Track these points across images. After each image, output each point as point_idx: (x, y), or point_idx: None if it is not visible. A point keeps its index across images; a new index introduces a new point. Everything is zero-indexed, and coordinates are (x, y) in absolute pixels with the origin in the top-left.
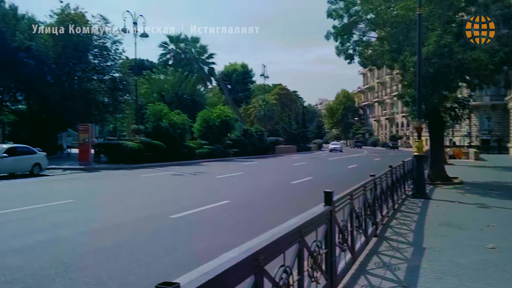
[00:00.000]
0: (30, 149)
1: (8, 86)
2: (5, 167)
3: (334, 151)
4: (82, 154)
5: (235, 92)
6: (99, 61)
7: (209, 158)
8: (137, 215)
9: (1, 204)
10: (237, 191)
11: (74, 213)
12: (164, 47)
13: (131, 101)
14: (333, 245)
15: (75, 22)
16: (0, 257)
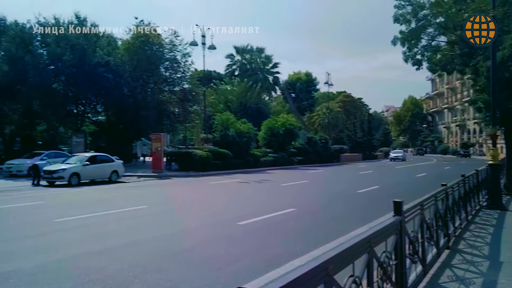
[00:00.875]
0: (109, 157)
1: (89, 99)
2: (87, 174)
3: (395, 159)
4: (155, 162)
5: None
6: (170, 73)
7: (274, 166)
8: (207, 221)
9: (84, 209)
10: (302, 199)
11: (147, 218)
12: (231, 58)
13: (199, 111)
14: (403, 257)
15: (149, 37)
16: (84, 258)
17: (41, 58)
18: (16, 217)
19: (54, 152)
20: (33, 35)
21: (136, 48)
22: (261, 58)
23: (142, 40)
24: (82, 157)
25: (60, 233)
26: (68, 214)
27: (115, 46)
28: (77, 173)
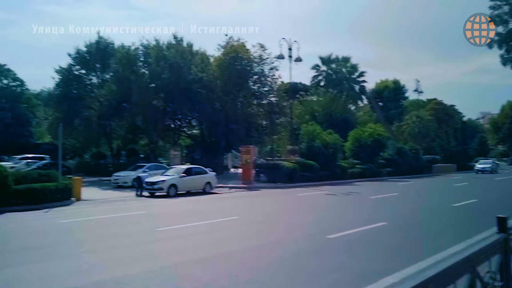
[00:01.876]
0: (203, 169)
1: (185, 113)
2: (184, 185)
3: (483, 171)
4: (244, 173)
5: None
6: (258, 87)
7: (361, 177)
8: (296, 233)
9: (181, 219)
10: (393, 212)
11: (239, 229)
12: (316, 69)
13: (286, 123)
14: (509, 278)
15: (238, 52)
16: (183, 267)
17: (143, 77)
18: (122, 225)
19: (155, 165)
20: (137, 56)
21: (226, 64)
22: (347, 68)
23: (232, 56)
24: (179, 169)
25: (161, 242)
26: (167, 223)
27: (207, 63)
28: (174, 184)
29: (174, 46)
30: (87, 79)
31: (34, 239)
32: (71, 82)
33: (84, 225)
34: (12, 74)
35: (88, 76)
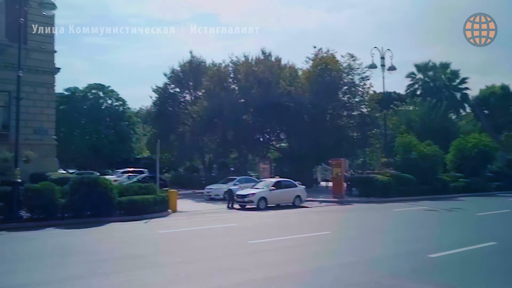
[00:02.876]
0: (292, 183)
1: (274, 127)
2: (273, 198)
3: None
4: (335, 187)
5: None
6: (348, 98)
7: (466, 192)
8: (392, 250)
9: (272, 232)
10: (504, 231)
11: (331, 244)
12: (412, 77)
13: (379, 134)
14: None
15: (327, 64)
16: (275, 280)
17: (233, 93)
18: (215, 237)
19: (245, 178)
20: (227, 73)
21: (315, 76)
22: (446, 74)
23: (321, 68)
24: (269, 182)
25: (253, 255)
26: (259, 236)
27: (296, 76)
28: (264, 197)
29: (263, 61)
30: (181, 97)
31: (135, 248)
32: (167, 100)
33: (180, 235)
34: (115, 95)
35: (182, 93)
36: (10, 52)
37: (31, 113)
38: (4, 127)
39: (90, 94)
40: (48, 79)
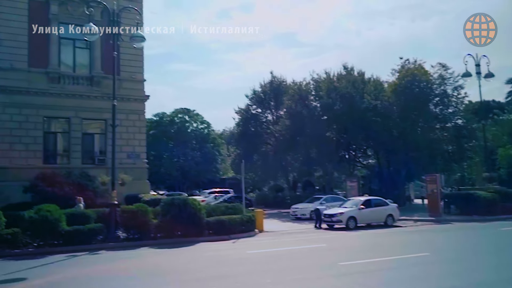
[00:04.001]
0: (383, 201)
1: (359, 143)
2: (363, 217)
3: None
4: (431, 205)
5: None
6: (441, 109)
7: None
8: (502, 275)
9: (364, 253)
10: None
11: (431, 267)
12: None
13: (478, 147)
14: None
15: (415, 75)
16: None
17: (315, 111)
18: (304, 258)
19: (332, 197)
20: (308, 91)
21: (402, 88)
22: None
23: (408, 80)
24: (357, 201)
25: (345, 277)
26: (350, 258)
27: (381, 90)
28: (353, 216)
29: (345, 77)
30: (263, 117)
31: (226, 268)
32: (249, 121)
33: (268, 256)
34: (200, 118)
35: (264, 113)
36: (105, 83)
37: (125, 139)
38: (101, 152)
39: (176, 119)
40: (139, 106)
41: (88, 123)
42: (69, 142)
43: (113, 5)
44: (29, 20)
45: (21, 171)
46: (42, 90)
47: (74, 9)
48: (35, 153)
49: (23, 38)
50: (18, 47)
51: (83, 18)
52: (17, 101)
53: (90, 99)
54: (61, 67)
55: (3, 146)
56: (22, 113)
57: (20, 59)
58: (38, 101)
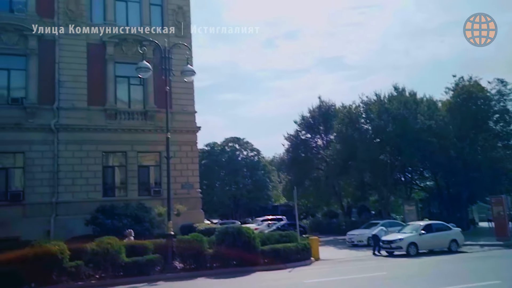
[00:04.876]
0: (445, 225)
1: (415, 165)
2: (424, 243)
3: None
4: (498, 228)
5: None
6: (502, 126)
7: None
8: None
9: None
10: None
11: None
12: None
13: None
14: None
15: (471, 92)
16: None
17: (367, 134)
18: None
19: (389, 222)
20: (358, 114)
21: (458, 106)
22: None
23: (464, 97)
24: (417, 225)
25: None
26: (414, 287)
27: (435, 109)
28: (414, 242)
29: (396, 98)
30: (313, 142)
31: None
32: (299, 146)
33: (327, 285)
34: (250, 146)
35: (314, 139)
36: (158, 117)
37: (178, 170)
38: (156, 184)
39: (227, 147)
40: (191, 138)
41: (143, 156)
42: (126, 175)
43: (164, 42)
44: (88, 62)
45: (82, 204)
46: (101, 127)
47: (128, 49)
48: (95, 186)
49: (82, 79)
50: (79, 87)
51: (137, 57)
52: (78, 138)
53: (144, 133)
54: (117, 103)
55: (66, 181)
56: (82, 149)
57: (80, 98)
58: (97, 137)
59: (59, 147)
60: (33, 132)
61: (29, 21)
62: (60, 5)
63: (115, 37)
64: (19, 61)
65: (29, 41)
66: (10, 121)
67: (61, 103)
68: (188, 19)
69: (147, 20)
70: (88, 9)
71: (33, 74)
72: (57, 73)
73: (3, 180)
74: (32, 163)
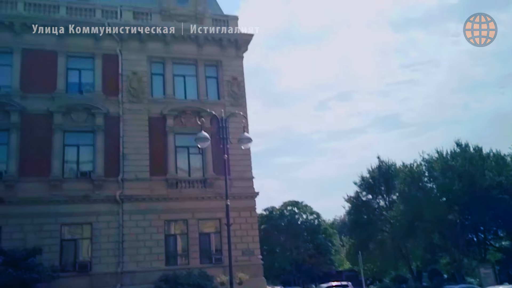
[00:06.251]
0: None
1: (488, 224)
2: None
3: None
4: None
5: None
6: None
7: None
8: None
9: None
10: None
11: None
12: None
13: None
14: None
15: None
16: None
17: (431, 193)
18: None
19: (465, 286)
20: (421, 172)
21: None
22: None
23: None
24: None
25: None
26: None
27: (504, 164)
28: None
29: (460, 154)
30: (375, 203)
31: None
32: (361, 208)
33: None
34: (309, 209)
35: (375, 199)
36: (217, 184)
37: (238, 236)
38: (217, 251)
39: (286, 211)
40: (250, 203)
41: (203, 223)
42: (187, 242)
43: (221, 112)
44: (149, 134)
45: (146, 274)
46: (163, 196)
47: (187, 120)
48: (158, 255)
49: (145, 151)
50: (141, 159)
51: (195, 127)
52: (141, 208)
53: (204, 200)
54: (178, 172)
55: (130, 251)
56: (146, 219)
57: (143, 169)
58: (159, 206)
59: (124, 217)
60: (99, 203)
61: (96, 100)
62: (124, 84)
63: (174, 110)
64: (87, 137)
65: (96, 118)
66: (79, 194)
67: (125, 174)
68: (243, 89)
69: (204, 92)
70: (149, 85)
71: (99, 148)
72: (121, 146)
73: (72, 251)
74: (99, 233)
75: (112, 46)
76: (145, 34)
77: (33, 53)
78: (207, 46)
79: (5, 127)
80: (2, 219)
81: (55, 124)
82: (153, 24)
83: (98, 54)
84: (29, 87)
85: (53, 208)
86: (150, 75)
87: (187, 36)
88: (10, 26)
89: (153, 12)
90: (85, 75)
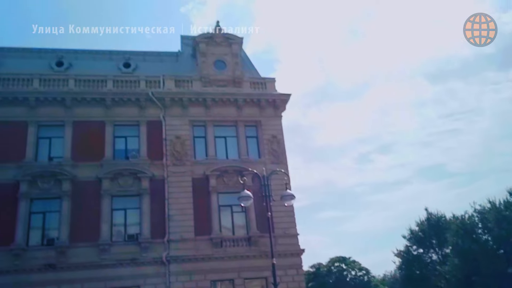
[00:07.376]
0: None
1: None
2: None
3: None
4: None
5: None
6: None
7: None
8: None
9: None
10: None
11: None
12: None
13: None
14: None
15: None
16: None
17: (487, 245)
18: None
19: None
20: (474, 224)
21: None
22: None
23: None
24: None
25: None
26: None
27: None
28: None
29: None
30: (427, 257)
31: None
32: (412, 263)
33: None
34: (357, 265)
35: (427, 253)
36: (261, 242)
37: None
38: None
39: (333, 268)
40: (296, 261)
41: (249, 282)
42: None
43: (262, 171)
44: (193, 195)
45: None
46: (208, 255)
47: (229, 179)
48: None
49: (189, 211)
50: (186, 219)
51: (238, 186)
52: (187, 268)
53: (249, 259)
54: (222, 231)
55: None
56: (192, 279)
57: (188, 230)
58: (205, 266)
59: (171, 278)
60: (147, 265)
61: (141, 164)
62: (167, 148)
63: (216, 170)
64: (133, 200)
65: (142, 182)
66: (126, 257)
67: (171, 235)
68: (283, 146)
69: (245, 151)
70: (191, 148)
71: (146, 211)
72: (166, 208)
73: None
74: None
75: (156, 113)
76: (186, 100)
77: (83, 125)
78: (246, 108)
79: (57, 195)
80: (55, 285)
81: (104, 190)
82: (194, 90)
83: (142, 121)
84: (80, 156)
85: (102, 272)
86: (192, 138)
87: (226, 100)
88: (62, 102)
89: (194, 79)
90: (131, 142)
